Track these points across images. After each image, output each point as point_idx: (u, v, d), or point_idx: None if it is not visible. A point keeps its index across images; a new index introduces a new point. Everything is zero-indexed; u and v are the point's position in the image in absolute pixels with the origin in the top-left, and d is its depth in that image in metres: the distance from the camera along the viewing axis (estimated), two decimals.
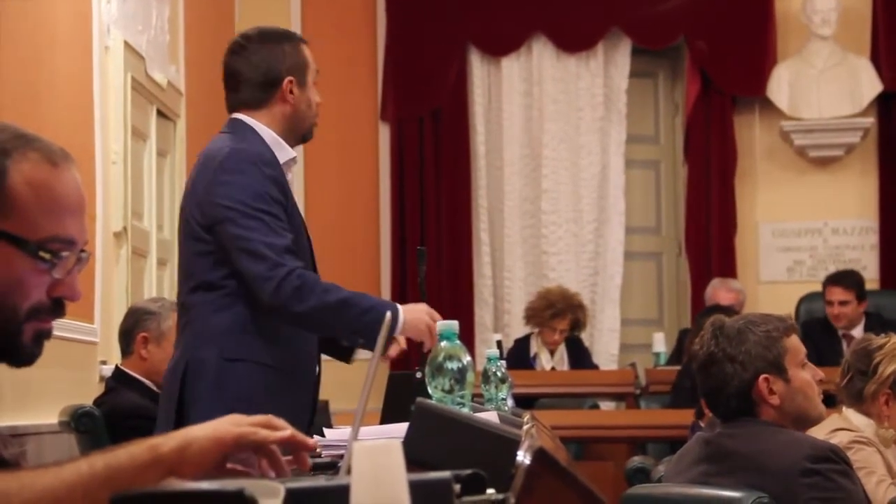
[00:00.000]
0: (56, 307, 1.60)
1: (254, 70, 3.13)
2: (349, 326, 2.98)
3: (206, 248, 3.00)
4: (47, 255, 1.57)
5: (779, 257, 7.94)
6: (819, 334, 6.46)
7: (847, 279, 6.72)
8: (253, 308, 2.98)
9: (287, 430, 1.48)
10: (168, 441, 1.43)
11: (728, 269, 7.68)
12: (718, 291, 6.86)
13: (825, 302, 6.69)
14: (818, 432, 3.04)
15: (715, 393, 2.82)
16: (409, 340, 3.11)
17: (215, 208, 2.97)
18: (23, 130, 1.61)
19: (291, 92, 3.13)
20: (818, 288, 7.16)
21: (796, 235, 7.93)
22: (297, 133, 3.18)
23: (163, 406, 3.07)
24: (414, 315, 3.00)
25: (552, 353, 6.81)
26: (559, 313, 6.71)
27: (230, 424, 1.47)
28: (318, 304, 2.92)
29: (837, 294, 6.64)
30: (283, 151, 3.11)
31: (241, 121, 3.12)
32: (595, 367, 7.07)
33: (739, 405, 2.79)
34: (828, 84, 7.78)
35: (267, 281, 2.91)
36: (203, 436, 1.44)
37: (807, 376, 2.83)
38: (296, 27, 7.67)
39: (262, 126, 3.10)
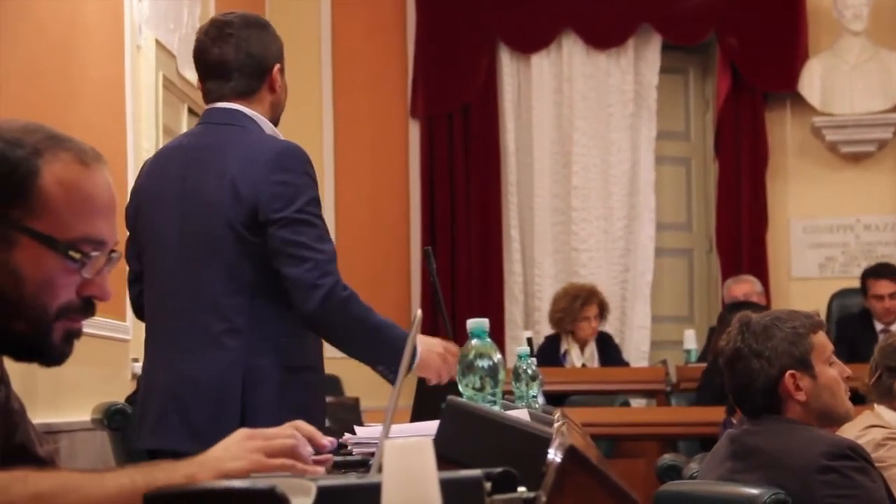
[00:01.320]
0: (86, 307, 1.61)
1: (246, 57, 2.98)
2: (377, 351, 2.87)
3: (251, 248, 2.86)
4: (77, 255, 1.57)
5: (810, 254, 7.89)
6: (856, 330, 6.41)
7: (893, 271, 6.60)
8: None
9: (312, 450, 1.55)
10: (203, 472, 1.44)
11: (759, 265, 7.65)
12: (733, 287, 6.80)
13: (870, 297, 6.53)
14: (851, 429, 3.03)
15: (741, 389, 2.82)
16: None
17: (265, 207, 2.83)
18: (55, 131, 1.62)
19: (279, 79, 3.03)
20: (850, 284, 7.11)
21: (828, 231, 7.89)
22: (275, 122, 3.05)
23: (212, 411, 2.84)
24: (427, 357, 2.92)
25: (582, 349, 6.80)
26: (586, 301, 6.71)
27: (259, 451, 1.48)
28: (358, 321, 2.85)
29: (885, 287, 6.49)
30: None
31: (242, 113, 2.98)
32: (626, 363, 7.05)
33: (766, 402, 2.79)
34: (860, 79, 7.73)
35: (316, 289, 2.81)
36: (237, 472, 1.45)
37: (834, 373, 2.82)
38: (326, 26, 7.69)
39: (262, 118, 2.99)
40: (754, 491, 2.64)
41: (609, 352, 6.86)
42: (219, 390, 2.86)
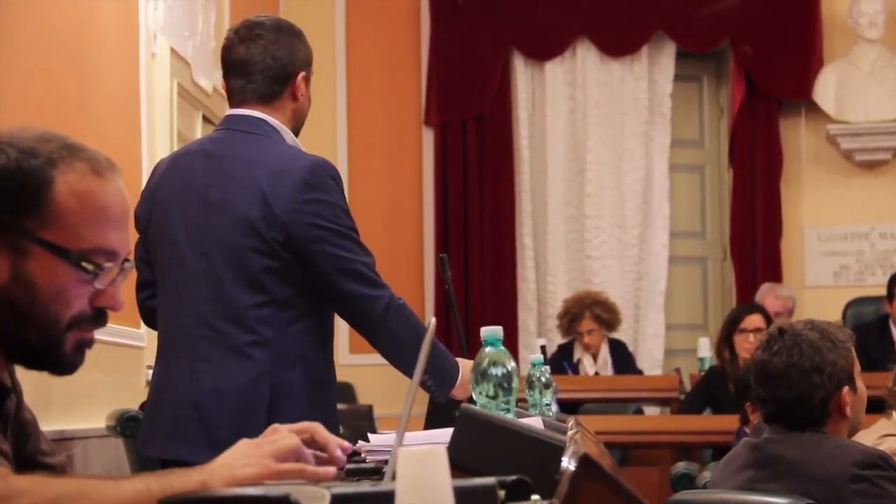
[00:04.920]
0: (98, 317, 1.61)
1: (271, 59, 2.96)
2: (428, 359, 2.89)
3: (279, 263, 2.85)
4: (90, 266, 1.57)
5: (825, 262, 7.87)
6: (871, 339, 6.38)
7: None
8: (326, 327, 2.94)
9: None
10: (215, 479, 1.44)
11: (773, 273, 7.63)
12: (767, 297, 6.78)
13: None
14: (867, 437, 3.02)
15: (794, 402, 2.79)
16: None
17: (305, 228, 2.83)
18: (70, 140, 1.62)
19: (303, 87, 3.01)
20: (865, 292, 7.09)
21: (843, 240, 7.86)
22: (295, 132, 3.03)
23: (232, 422, 2.80)
24: (466, 379, 2.87)
25: (595, 357, 6.79)
26: (576, 317, 6.69)
27: (269, 457, 1.49)
28: (414, 330, 2.87)
29: None
30: None
31: (264, 121, 2.96)
32: (639, 371, 7.04)
33: (813, 416, 2.78)
34: (875, 87, 7.71)
35: (377, 300, 2.86)
36: (249, 478, 1.45)
37: (863, 387, 2.84)
38: (340, 33, 7.71)
39: (283, 127, 2.98)
40: (783, 501, 2.63)
41: (622, 359, 6.85)
42: (245, 402, 2.83)
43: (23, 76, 3.76)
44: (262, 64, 2.96)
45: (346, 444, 1.66)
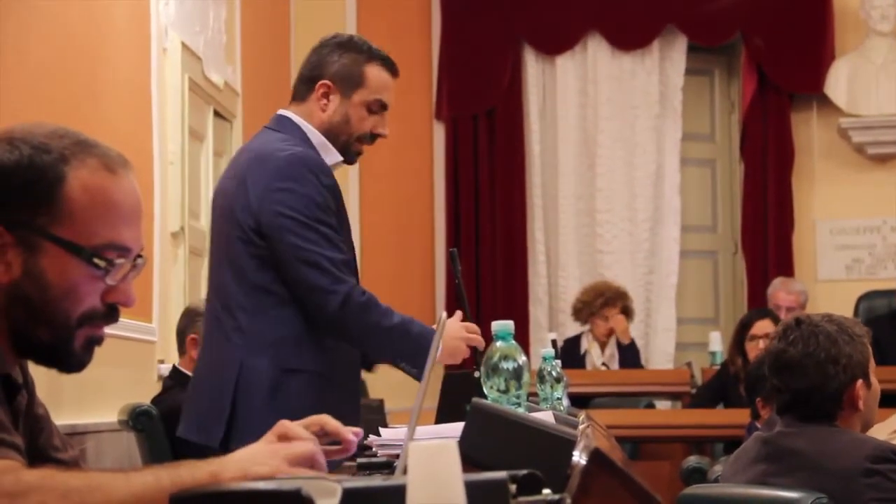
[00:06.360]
0: (110, 313, 1.61)
1: (306, 65, 3.12)
2: (397, 349, 2.95)
3: (256, 250, 2.95)
4: (102, 263, 1.57)
5: (837, 255, 7.86)
6: (884, 333, 6.37)
7: None
8: (306, 317, 2.95)
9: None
10: (227, 470, 1.44)
11: (785, 267, 7.61)
12: (779, 292, 6.76)
13: None
14: (881, 431, 3.02)
15: (808, 392, 2.78)
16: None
17: (271, 215, 2.92)
18: (83, 136, 1.62)
19: (326, 97, 3.06)
20: (877, 286, 7.07)
21: (855, 233, 7.85)
22: (334, 143, 3.09)
23: (210, 404, 2.96)
24: (449, 343, 2.96)
25: (602, 349, 6.79)
26: (609, 301, 6.71)
27: (282, 458, 1.49)
28: (377, 324, 2.90)
29: None
30: (330, 154, 3.06)
31: (289, 119, 3.07)
32: (641, 366, 7.01)
33: (827, 407, 2.78)
34: (887, 80, 7.69)
35: (332, 294, 2.87)
36: (263, 472, 1.45)
37: (877, 383, 2.84)
38: (351, 27, 7.70)
39: (310, 127, 3.06)
40: (795, 495, 2.63)
41: (625, 354, 6.83)
42: (216, 386, 2.96)
43: (34, 71, 3.77)
44: (302, 69, 3.14)
45: (358, 430, 1.67)
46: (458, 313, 3.07)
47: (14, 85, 3.61)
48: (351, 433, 1.64)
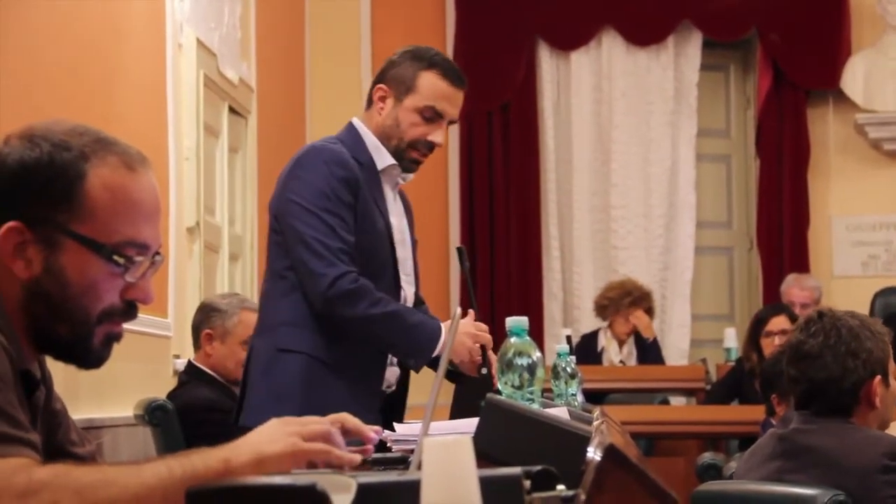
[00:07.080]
0: (128, 310, 1.62)
1: (378, 72, 3.23)
2: (391, 339, 3.03)
3: (277, 238, 3.09)
4: (121, 260, 1.58)
5: (853, 252, 7.83)
6: None
7: None
8: (310, 302, 3.04)
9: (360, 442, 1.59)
10: (240, 455, 1.44)
11: (801, 263, 7.59)
12: (792, 289, 6.75)
13: None
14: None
15: (825, 384, 2.77)
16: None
17: (283, 202, 3.06)
18: (103, 134, 1.63)
19: (383, 100, 3.15)
20: (893, 283, 7.04)
21: (871, 229, 7.82)
22: (387, 147, 3.17)
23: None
24: (455, 339, 2.96)
25: (621, 346, 6.79)
26: (636, 301, 6.72)
27: (295, 435, 1.49)
28: (365, 312, 2.96)
29: None
30: (382, 157, 3.15)
31: (351, 123, 3.20)
32: (662, 362, 7.02)
33: (843, 401, 2.77)
34: None
35: (322, 277, 2.97)
36: (274, 454, 1.45)
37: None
38: (365, 24, 7.70)
39: (366, 130, 3.16)
40: (811, 492, 2.62)
41: (648, 351, 6.82)
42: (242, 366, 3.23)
43: (49, 68, 3.78)
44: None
45: (378, 428, 1.68)
46: (472, 313, 3.08)
47: (30, 82, 3.63)
48: (372, 431, 1.65)
